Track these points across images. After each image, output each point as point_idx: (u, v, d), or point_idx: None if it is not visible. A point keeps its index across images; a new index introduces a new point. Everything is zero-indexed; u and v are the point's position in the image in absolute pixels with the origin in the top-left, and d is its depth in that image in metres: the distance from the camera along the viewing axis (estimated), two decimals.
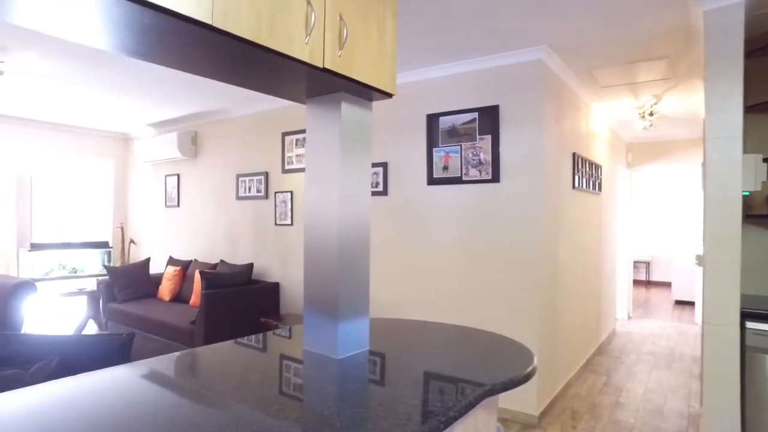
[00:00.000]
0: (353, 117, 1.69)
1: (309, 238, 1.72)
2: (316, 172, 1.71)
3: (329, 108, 1.67)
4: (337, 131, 1.64)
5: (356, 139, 1.71)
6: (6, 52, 3.61)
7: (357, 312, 1.72)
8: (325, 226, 1.67)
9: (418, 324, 2.17)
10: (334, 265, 1.65)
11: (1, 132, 5.85)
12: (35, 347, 1.90)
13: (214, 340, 4.13)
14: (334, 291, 1.65)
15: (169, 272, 5.39)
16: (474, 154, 3.64)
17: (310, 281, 1.72)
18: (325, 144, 1.68)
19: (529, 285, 3.37)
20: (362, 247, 1.74)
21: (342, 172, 1.65)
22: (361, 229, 1.74)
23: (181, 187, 6.03)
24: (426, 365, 1.54)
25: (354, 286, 1.71)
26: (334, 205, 1.64)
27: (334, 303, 1.64)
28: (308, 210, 1.73)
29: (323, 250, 1.67)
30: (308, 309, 1.72)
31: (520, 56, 3.41)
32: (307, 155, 1.74)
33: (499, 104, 3.53)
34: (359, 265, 1.73)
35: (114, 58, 3.69)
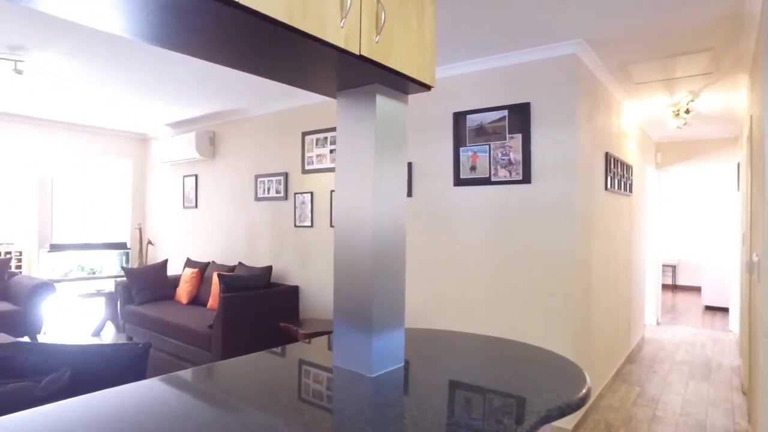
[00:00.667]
0: (389, 111, 1.55)
1: (339, 243, 1.58)
2: (348, 172, 1.57)
3: (362, 101, 1.53)
4: (371, 127, 1.50)
5: (392, 136, 1.56)
6: (25, 51, 3.55)
7: (392, 324, 1.57)
8: (357, 230, 1.53)
9: (450, 335, 2.02)
10: (367, 273, 1.50)
11: (21, 133, 5.83)
12: (47, 357, 1.79)
13: (232, 345, 4.03)
14: (367, 301, 1.50)
15: (186, 274, 5.31)
16: (503, 153, 3.48)
17: (341, 290, 1.58)
18: (358, 141, 1.54)
19: (562, 291, 3.20)
20: (398, 253, 1.60)
21: (377, 172, 1.50)
22: (397, 234, 1.59)
23: (199, 187, 5.95)
24: (469, 385, 1.39)
25: (389, 296, 1.56)
26: (368, 207, 1.50)
27: (368, 315, 1.50)
28: (338, 212, 1.59)
29: (355, 256, 1.53)
30: (339, 321, 1.58)
31: (553, 51, 3.23)
32: (337, 153, 1.61)
33: (530, 102, 3.36)
34: (395, 273, 1.59)
35: (131, 57, 3.61)
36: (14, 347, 1.78)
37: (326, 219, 4.47)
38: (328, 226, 4.46)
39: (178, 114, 5.56)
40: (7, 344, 1.79)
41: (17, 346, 1.79)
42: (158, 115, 5.61)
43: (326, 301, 4.48)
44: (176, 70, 3.90)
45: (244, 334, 4.13)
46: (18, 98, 4.95)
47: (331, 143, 4.44)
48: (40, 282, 5.29)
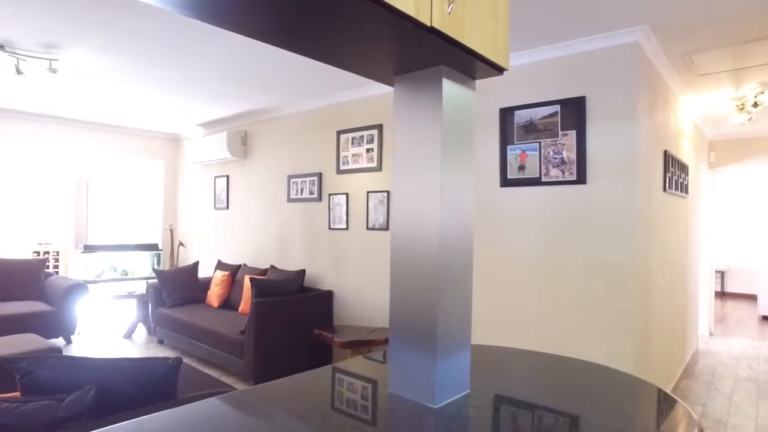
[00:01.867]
0: (456, 98, 1.33)
1: (398, 250, 1.37)
2: (408, 169, 1.36)
3: (426, 87, 1.32)
4: (436, 117, 1.29)
5: (460, 127, 1.35)
6: (59, 49, 3.47)
7: (458, 345, 1.36)
8: (420, 236, 1.32)
9: (511, 354, 1.79)
10: (432, 284, 1.29)
11: (58, 134, 5.84)
12: (71, 372, 1.64)
13: (264, 352, 3.87)
14: (431, 318, 1.29)
15: (217, 277, 5.20)
16: (556, 151, 3.22)
17: (399, 304, 1.37)
18: (421, 134, 1.33)
19: (622, 302, 2.92)
20: (466, 261, 1.38)
21: (444, 169, 1.29)
22: (465, 239, 1.38)
23: (231, 188, 5.85)
24: (549, 417, 1.16)
25: (456, 312, 1.35)
26: (434, 208, 1.29)
27: (432, 335, 1.29)
28: (397, 215, 1.38)
29: (417, 265, 1.32)
30: (396, 340, 1.37)
31: (613, 39, 2.96)
32: (395, 148, 1.40)
33: (585, 95, 3.10)
34: (462, 285, 1.37)
35: (162, 53, 3.49)
36: (37, 361, 1.64)
37: (362, 221, 4.28)
38: (364, 229, 4.27)
39: (209, 113, 5.47)
40: (31, 357, 1.65)
41: (40, 360, 1.64)
42: (190, 114, 5.53)
43: (361, 307, 4.29)
44: (208, 67, 3.77)
45: (277, 340, 3.97)
46: (54, 99, 4.94)
47: (368, 142, 4.25)
48: (74, 283, 5.27)
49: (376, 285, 4.17)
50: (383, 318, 4.10)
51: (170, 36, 3.17)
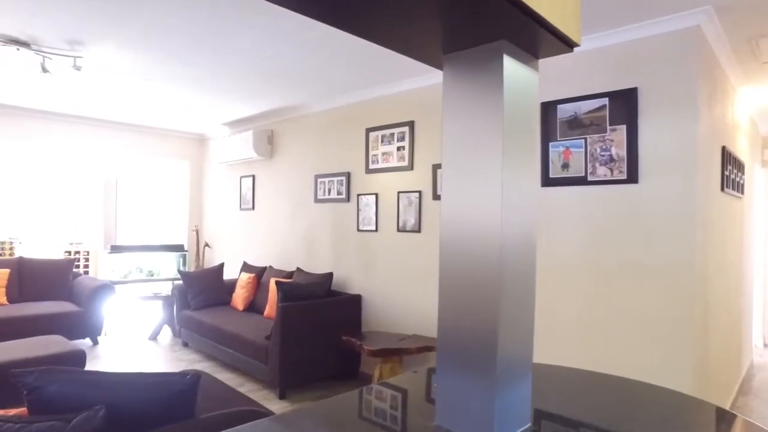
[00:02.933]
0: (519, 80, 1.13)
1: (448, 257, 1.17)
2: (461, 163, 1.16)
3: (483, 67, 1.11)
4: (496, 102, 1.09)
5: (523, 115, 1.14)
6: (83, 45, 3.39)
7: (520, 370, 1.15)
8: (477, 241, 1.11)
9: (555, 372, 1.57)
10: (491, 298, 1.09)
11: (86, 135, 5.83)
12: (82, 388, 1.50)
13: (290, 358, 3.72)
14: (490, 338, 1.09)
15: (243, 279, 5.08)
16: (603, 148, 2.96)
17: (449, 321, 1.17)
18: (477, 122, 1.13)
19: (679, 313, 2.65)
20: (529, 272, 1.18)
21: (506, 163, 1.08)
22: (529, 246, 1.17)
23: (256, 188, 5.74)
24: None
25: (519, 332, 1.14)
26: (494, 209, 1.08)
27: (490, 357, 1.08)
28: (447, 217, 1.18)
29: (473, 275, 1.12)
30: (444, 363, 1.17)
31: (671, 23, 2.70)
32: (445, 139, 1.20)
33: (637, 86, 2.84)
34: (525, 299, 1.16)
35: (185, 48, 3.37)
36: (45, 375, 1.50)
37: (392, 222, 4.09)
38: (394, 231, 4.07)
39: (235, 112, 5.37)
40: (39, 371, 1.51)
41: (49, 374, 1.50)
42: (215, 113, 5.44)
43: (391, 312, 4.10)
44: (232, 62, 3.64)
45: (303, 346, 3.81)
46: (81, 99, 4.90)
47: (399, 140, 4.05)
48: (101, 283, 5.24)
49: (407, 289, 3.97)
50: (414, 324, 3.90)
51: (193, 29, 3.04)
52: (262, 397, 3.74)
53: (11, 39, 3.33)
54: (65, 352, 3.49)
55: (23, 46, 3.39)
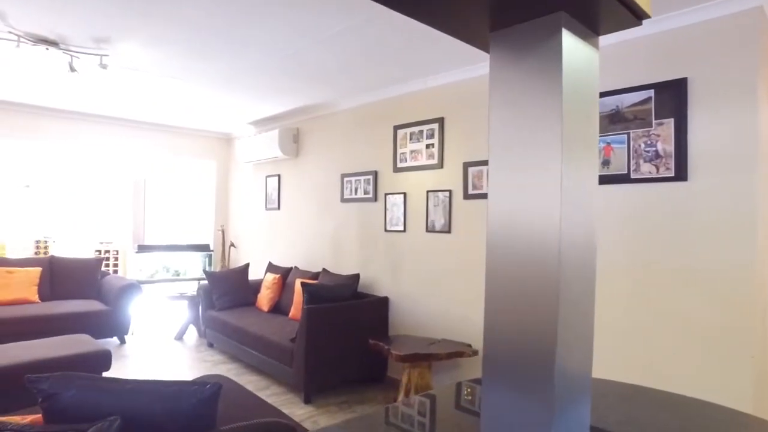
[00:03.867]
0: (580, 59, 0.99)
1: (497, 261, 1.04)
2: (512, 155, 1.02)
3: (537, 43, 0.98)
4: (554, 84, 0.95)
5: (583, 99, 1.00)
6: (108, 43, 3.37)
7: (579, 388, 1.01)
8: (530, 243, 0.98)
9: (603, 386, 1.41)
10: (547, 307, 0.95)
11: (115, 135, 5.88)
12: (98, 396, 1.42)
13: (315, 362, 3.62)
14: (546, 351, 0.95)
15: (268, 280, 5.02)
16: (648, 143, 2.77)
17: (497, 332, 1.04)
18: (531, 109, 0.99)
19: (736, 322, 2.44)
20: (589, 278, 1.03)
21: (566, 155, 0.94)
22: (589, 250, 1.03)
23: (282, 188, 5.68)
24: None
25: (579, 346, 1.00)
26: (552, 209, 0.95)
27: (548, 374, 0.94)
28: (495, 216, 1.05)
29: (528, 282, 0.98)
30: (491, 378, 1.04)
31: (727, 6, 2.49)
32: (492, 129, 1.07)
33: (687, 77, 2.64)
34: (584, 308, 1.02)
35: (209, 45, 3.30)
36: (60, 382, 1.42)
37: (421, 223, 3.95)
38: (423, 231, 3.94)
39: (260, 111, 5.32)
40: (54, 377, 1.43)
41: (64, 381, 1.43)
42: (241, 112, 5.40)
43: (419, 315, 3.96)
44: (256, 58, 3.56)
45: (329, 349, 3.71)
46: (109, 100, 4.92)
47: (428, 137, 3.92)
48: (128, 283, 5.25)
49: (436, 292, 3.83)
50: (443, 328, 3.75)
51: (216, 23, 2.97)
52: (287, 401, 3.66)
53: (41, 38, 3.33)
54: (91, 352, 3.48)
55: (52, 46, 3.38)
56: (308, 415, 3.43)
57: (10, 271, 5.11)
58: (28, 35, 3.26)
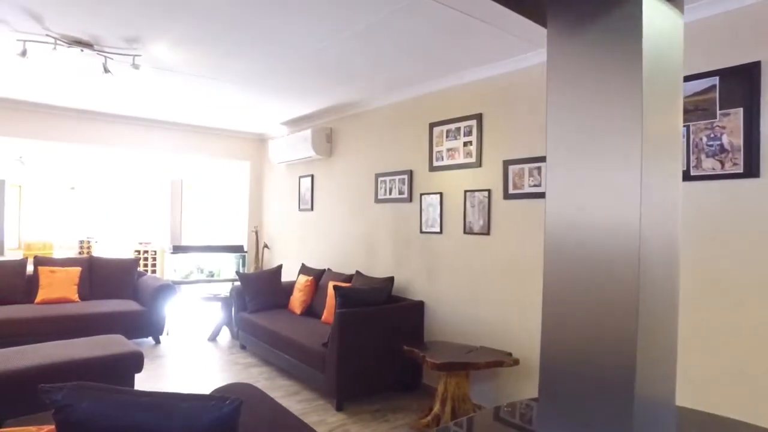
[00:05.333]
0: (662, 26, 0.81)
1: (557, 266, 0.87)
2: (578, 148, 0.85)
3: (608, 9, 0.80)
4: (631, 55, 0.77)
5: (666, 75, 0.82)
6: (140, 44, 3.34)
7: (663, 419, 0.83)
8: (602, 247, 0.81)
9: (693, 417, 1.20)
10: (625, 322, 0.78)
11: (152, 137, 5.94)
12: (113, 409, 1.32)
13: (347, 368, 3.49)
14: (623, 377, 0.78)
15: (300, 282, 4.93)
16: (712, 137, 2.51)
17: (558, 346, 0.87)
18: (600, 91, 0.82)
19: None
20: (672, 287, 0.85)
21: (646, 147, 0.77)
22: (672, 255, 0.84)
23: (315, 188, 5.60)
24: None
25: (661, 365, 0.83)
26: (630, 209, 0.77)
27: (625, 402, 0.77)
28: (554, 217, 0.88)
29: (597, 291, 0.81)
30: (549, 405, 0.87)
31: None
32: (550, 116, 0.90)
33: (760, 60, 2.37)
34: (668, 324, 0.84)
35: (240, 42, 3.22)
36: (75, 393, 1.33)
37: (458, 224, 3.77)
38: (460, 233, 3.75)
39: (292, 110, 5.25)
40: (69, 387, 1.35)
41: (79, 391, 1.34)
42: (273, 112, 5.34)
43: (456, 320, 3.78)
44: (287, 55, 3.46)
45: (362, 355, 3.57)
46: (146, 102, 4.95)
47: (465, 134, 3.73)
48: (163, 283, 5.28)
49: (474, 297, 3.64)
50: (482, 335, 3.56)
51: (245, 19, 2.88)
52: (318, 408, 3.54)
53: (75, 40, 3.33)
54: (124, 353, 3.46)
55: (86, 47, 3.38)
56: (340, 423, 3.31)
57: (52, 271, 5.21)
58: (63, 37, 3.27)
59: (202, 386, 3.94)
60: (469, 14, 2.72)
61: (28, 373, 3.07)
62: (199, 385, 4.00)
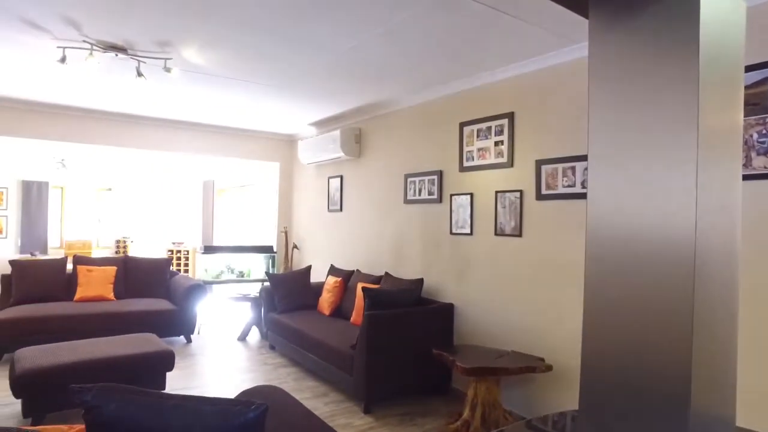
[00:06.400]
0: (723, 14, 0.73)
1: (600, 271, 0.81)
2: (621, 145, 0.78)
3: (659, 1, 0.74)
4: (686, 42, 0.70)
5: (726, 64, 0.75)
6: (171, 47, 3.39)
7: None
8: (651, 252, 0.74)
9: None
10: (678, 335, 0.71)
11: (185, 138, 6.04)
12: (141, 411, 1.31)
13: (376, 370, 3.46)
14: (677, 393, 0.71)
15: (329, 283, 4.93)
16: (764, 133, 2.37)
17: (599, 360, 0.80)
18: (647, 79, 0.75)
19: None
20: (731, 296, 0.77)
21: (702, 140, 0.70)
22: (731, 261, 0.77)
23: (344, 189, 5.58)
24: None
25: (718, 382, 0.75)
26: (683, 209, 0.70)
27: (679, 423, 0.70)
28: (596, 219, 0.81)
29: (645, 299, 0.75)
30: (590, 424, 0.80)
31: None
32: (592, 111, 0.83)
33: None
34: (726, 336, 0.77)
35: (268, 43, 3.22)
36: (104, 394, 1.33)
37: (489, 225, 3.68)
38: (491, 234, 3.67)
39: (321, 111, 5.25)
40: (98, 388, 1.35)
41: (107, 393, 1.33)
42: (302, 113, 5.36)
43: (486, 324, 3.69)
44: (316, 56, 3.45)
45: (391, 358, 3.53)
46: (178, 105, 5.03)
47: (497, 134, 3.64)
48: (194, 283, 5.36)
49: (505, 300, 3.55)
50: (513, 340, 3.47)
51: (274, 21, 2.88)
52: (345, 410, 3.52)
53: (110, 45, 3.40)
54: (155, 352, 3.52)
55: (121, 52, 3.45)
56: (367, 427, 3.27)
57: (90, 270, 5.36)
58: (99, 43, 3.35)
59: (232, 386, 3.97)
60: (500, 10, 2.64)
61: (68, 369, 3.16)
62: (229, 385, 4.04)
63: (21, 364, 3.11)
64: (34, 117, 5.20)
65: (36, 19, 2.99)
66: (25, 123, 5.17)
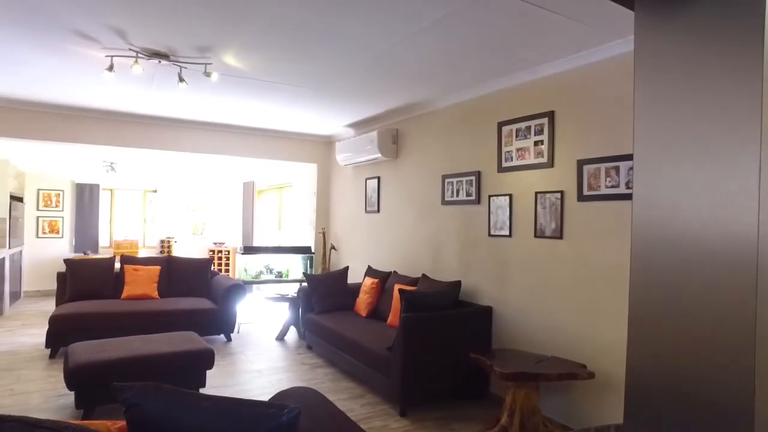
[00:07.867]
0: None
1: (646, 276, 0.76)
2: (671, 142, 0.73)
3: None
4: (750, 37, 0.65)
5: None
6: (211, 52, 3.47)
7: None
8: (705, 254, 0.69)
9: None
10: (738, 344, 0.65)
11: (225, 141, 6.19)
12: (178, 410, 1.33)
13: (413, 373, 3.43)
14: (737, 407, 0.65)
15: (366, 284, 4.93)
16: None
17: (646, 368, 0.75)
18: (701, 73, 0.70)
19: None
20: None
21: (766, 139, 0.64)
22: None
23: (382, 190, 5.58)
24: None
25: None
26: (742, 213, 0.65)
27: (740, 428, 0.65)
28: (642, 219, 0.77)
29: (699, 308, 0.70)
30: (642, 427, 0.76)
31: None
32: (638, 108, 0.79)
33: None
34: None
35: (303, 42, 3.24)
36: (144, 392, 1.36)
37: (528, 227, 3.59)
38: (531, 236, 3.58)
39: (358, 112, 5.26)
40: (138, 387, 1.38)
41: (147, 391, 1.37)
42: (339, 113, 5.38)
43: (525, 328, 3.60)
44: (353, 56, 3.45)
45: (428, 361, 3.50)
46: (216, 107, 5.15)
47: (536, 133, 3.55)
48: (234, 283, 5.48)
49: (545, 303, 3.45)
50: (553, 345, 3.37)
51: (310, 21, 2.89)
52: (381, 413, 3.50)
53: (153, 52, 3.51)
54: (197, 350, 3.60)
55: (163, 58, 3.56)
56: (403, 430, 3.25)
57: (136, 269, 5.57)
58: (144, 50, 3.46)
59: (269, 386, 4.03)
60: (539, 5, 2.57)
61: (115, 364, 3.29)
62: (266, 384, 4.10)
63: (73, 359, 3.25)
64: (85, 123, 5.44)
65: (86, 30, 3.12)
66: (78, 129, 5.41)
